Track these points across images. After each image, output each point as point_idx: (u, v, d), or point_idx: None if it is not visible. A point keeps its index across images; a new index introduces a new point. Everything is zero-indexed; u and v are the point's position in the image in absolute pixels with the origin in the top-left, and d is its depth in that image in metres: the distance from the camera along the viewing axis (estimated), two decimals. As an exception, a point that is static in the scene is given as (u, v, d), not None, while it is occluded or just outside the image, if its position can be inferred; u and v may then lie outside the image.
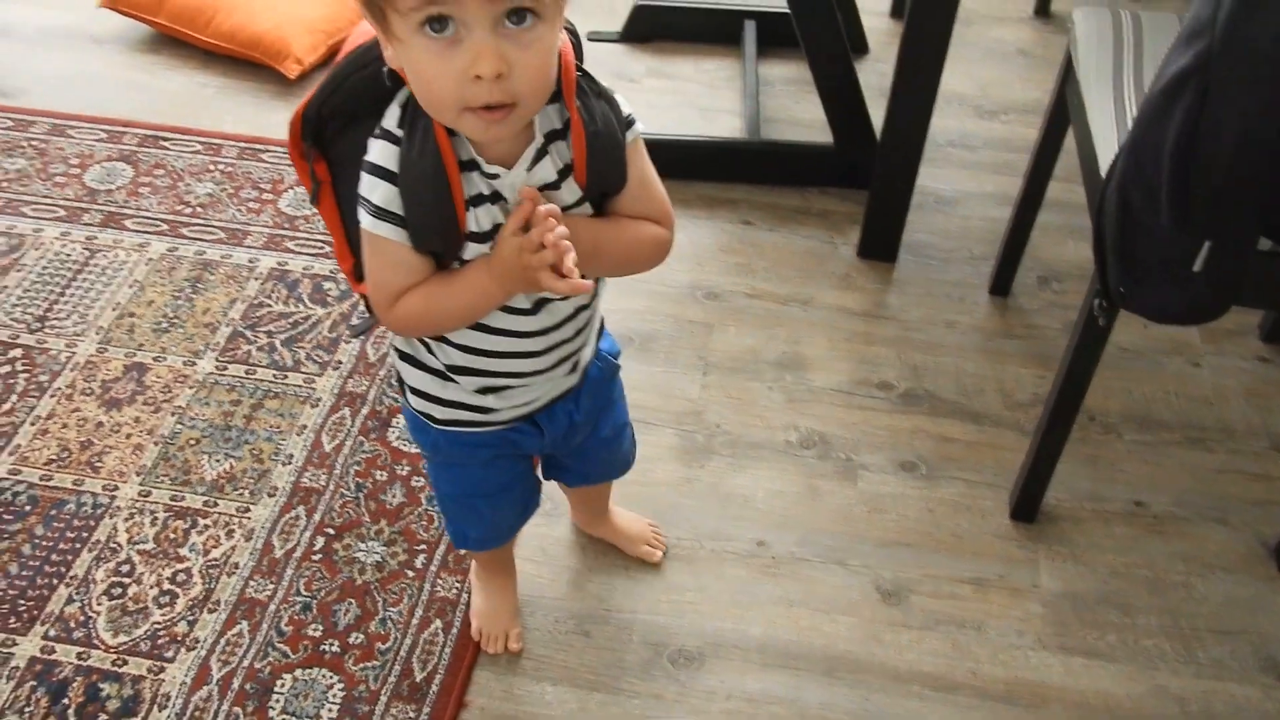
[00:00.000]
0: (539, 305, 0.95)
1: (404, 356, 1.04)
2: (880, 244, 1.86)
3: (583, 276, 0.83)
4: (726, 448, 1.57)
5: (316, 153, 0.92)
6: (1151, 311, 1.17)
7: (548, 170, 0.88)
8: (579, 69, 0.89)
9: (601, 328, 1.12)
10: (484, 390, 1.02)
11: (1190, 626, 1.39)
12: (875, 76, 2.21)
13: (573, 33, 0.92)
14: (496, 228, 0.88)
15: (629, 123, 0.92)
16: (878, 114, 1.73)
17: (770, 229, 1.93)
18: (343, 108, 0.90)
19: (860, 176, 1.94)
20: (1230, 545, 1.48)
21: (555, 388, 1.06)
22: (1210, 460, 1.58)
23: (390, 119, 0.86)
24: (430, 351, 1.01)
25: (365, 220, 0.87)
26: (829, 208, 1.97)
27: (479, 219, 0.87)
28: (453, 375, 1.01)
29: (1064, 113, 1.51)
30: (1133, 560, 1.46)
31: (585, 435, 1.17)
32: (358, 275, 0.97)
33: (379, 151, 0.86)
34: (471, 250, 0.89)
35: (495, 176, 0.87)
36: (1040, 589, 1.42)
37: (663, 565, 1.42)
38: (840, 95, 1.90)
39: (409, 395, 1.07)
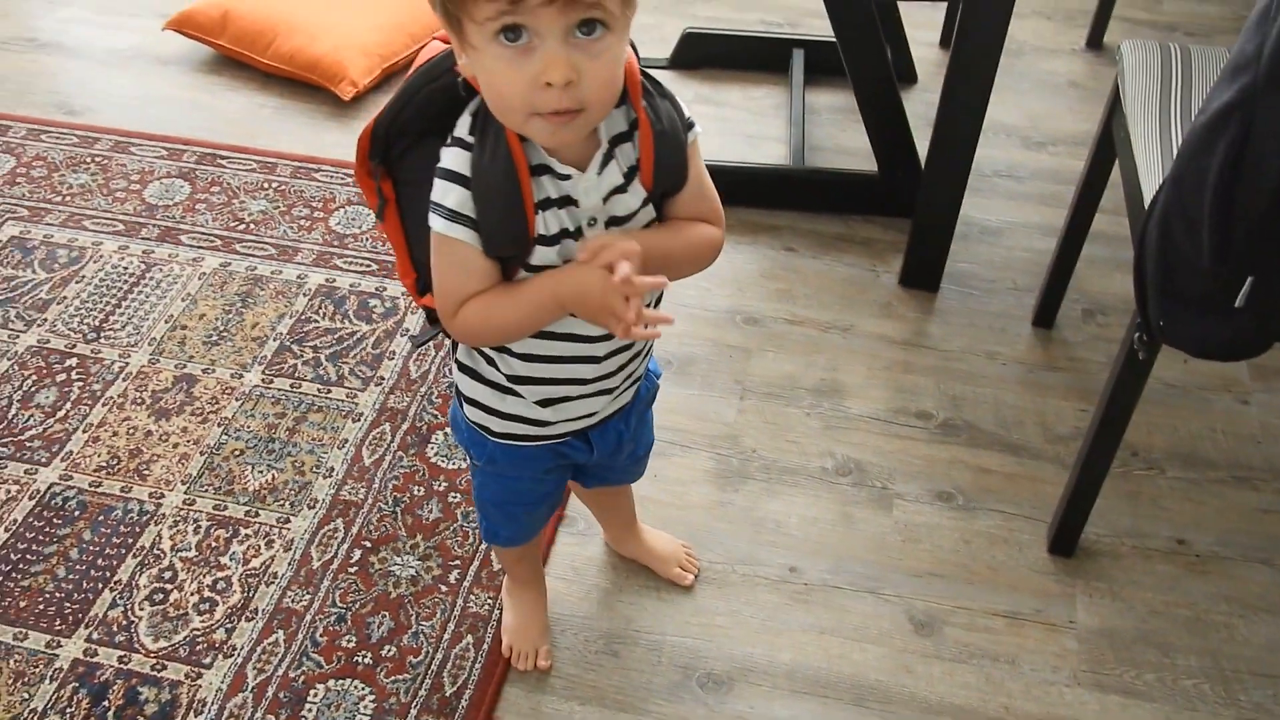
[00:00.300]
0: None
1: (464, 369, 1.06)
2: (923, 273, 1.85)
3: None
4: (761, 472, 1.57)
5: (383, 170, 0.95)
6: (1192, 346, 1.16)
7: (614, 174, 0.91)
8: (644, 73, 0.91)
9: (651, 345, 1.13)
10: (544, 402, 1.03)
11: (1231, 668, 1.36)
12: (923, 106, 2.21)
13: (632, 45, 0.94)
14: (563, 232, 0.90)
15: (689, 124, 0.95)
16: (925, 143, 1.73)
17: (812, 256, 1.93)
18: (412, 123, 0.93)
19: (904, 205, 1.94)
20: (1275, 587, 1.44)
21: (611, 403, 1.08)
22: (1256, 500, 1.55)
23: (462, 127, 0.89)
24: (491, 364, 1.03)
25: (438, 224, 0.89)
26: (872, 236, 1.97)
27: (547, 223, 0.90)
28: (514, 386, 1.03)
29: (1110, 145, 1.51)
30: (1173, 599, 1.44)
31: (627, 453, 1.18)
32: (419, 290, 1.00)
33: (451, 158, 0.88)
34: (539, 254, 0.90)
35: (567, 178, 0.89)
36: (1077, 625, 1.40)
37: (694, 588, 1.43)
38: (885, 124, 1.90)
39: (465, 407, 1.09)
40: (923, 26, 2.48)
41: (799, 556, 1.47)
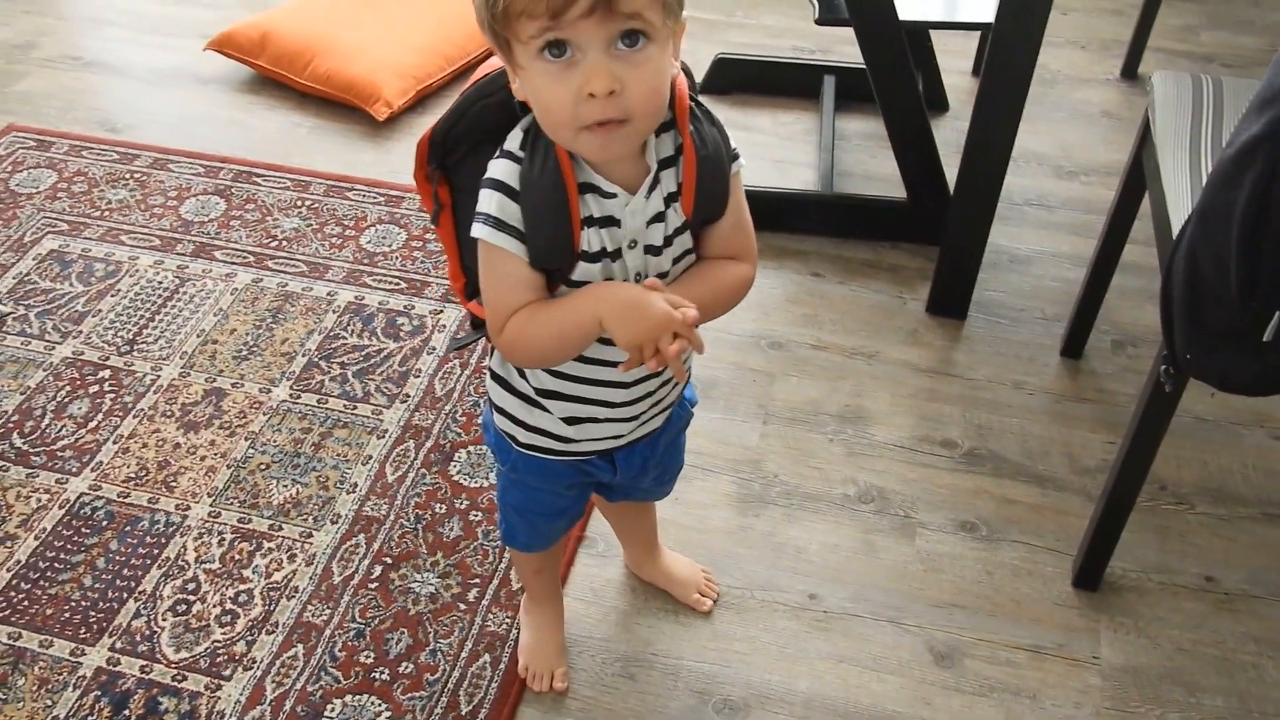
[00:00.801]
0: None
1: (496, 378, 1.08)
2: (950, 300, 1.85)
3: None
4: (783, 498, 1.56)
5: (441, 175, 0.97)
6: (1218, 380, 1.14)
7: (657, 200, 0.92)
8: (693, 99, 0.92)
9: (688, 376, 1.14)
10: (570, 420, 1.04)
11: (1260, 710, 1.34)
12: (953, 134, 2.21)
13: (686, 72, 0.96)
14: (603, 251, 0.91)
15: (735, 155, 0.95)
16: (955, 170, 1.73)
17: (839, 281, 1.93)
18: (467, 134, 0.95)
19: (932, 232, 1.93)
20: (1306, 627, 1.42)
21: (639, 428, 1.08)
22: (1287, 537, 1.53)
23: (513, 141, 0.91)
24: (522, 375, 1.04)
25: (484, 232, 0.89)
26: (899, 262, 1.97)
27: (590, 240, 0.90)
28: (541, 399, 1.03)
29: (1140, 176, 1.50)
30: (1200, 637, 1.41)
31: (652, 476, 1.19)
32: (467, 294, 1.02)
33: (501, 169, 0.90)
34: (581, 270, 0.91)
35: (613, 196, 0.90)
36: (1101, 661, 1.38)
37: (712, 613, 1.42)
38: (915, 151, 1.90)
39: (495, 414, 1.10)
40: (955, 55, 2.48)
41: (819, 583, 1.46)
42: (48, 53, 2.54)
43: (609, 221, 0.90)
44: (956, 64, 2.46)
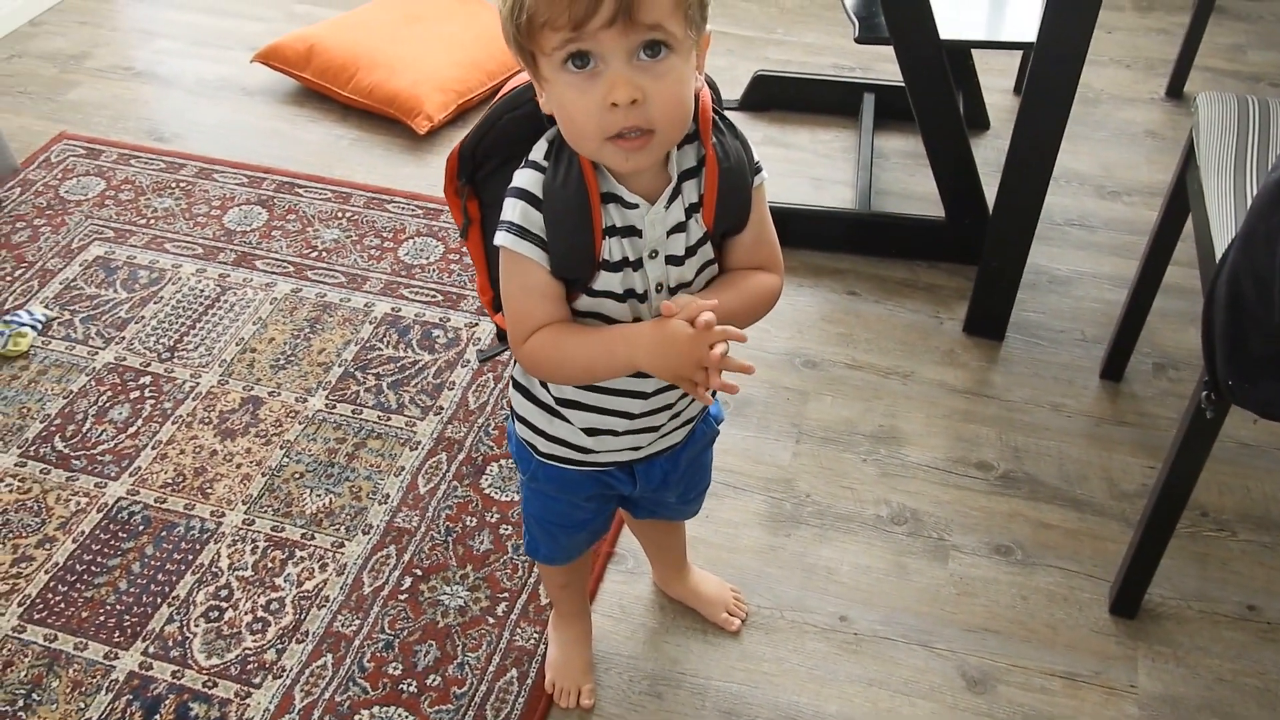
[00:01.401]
0: None
1: (518, 386, 1.08)
2: (988, 321, 1.83)
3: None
4: (815, 518, 1.55)
5: (470, 190, 0.98)
6: (1261, 407, 1.12)
7: (678, 211, 0.92)
8: (717, 111, 0.93)
9: (714, 392, 1.13)
10: (589, 430, 1.04)
11: (1301, 745, 1.31)
12: (994, 152, 2.19)
13: (712, 86, 0.96)
14: (624, 260, 0.92)
15: (757, 169, 0.96)
16: (995, 189, 1.71)
17: (875, 300, 1.91)
18: (496, 147, 0.96)
19: (970, 252, 1.91)
20: (1351, 661, 1.38)
21: (659, 439, 1.08)
22: (1333, 568, 1.49)
23: (537, 151, 0.92)
24: (543, 385, 1.04)
25: (507, 240, 0.90)
26: (937, 282, 1.95)
27: (611, 249, 0.91)
28: (562, 409, 1.04)
29: (1184, 197, 1.47)
30: (1241, 668, 1.38)
31: (676, 493, 1.18)
32: (495, 307, 1.03)
33: (525, 178, 0.91)
34: (602, 279, 0.92)
35: (635, 206, 0.90)
36: (1138, 690, 1.36)
37: (741, 633, 1.41)
38: (954, 169, 1.89)
39: (516, 423, 1.11)
40: (998, 73, 2.46)
41: (850, 605, 1.45)
42: (100, 63, 2.59)
43: (630, 231, 0.91)
44: (998, 82, 2.44)
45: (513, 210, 0.90)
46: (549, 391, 1.04)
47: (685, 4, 0.81)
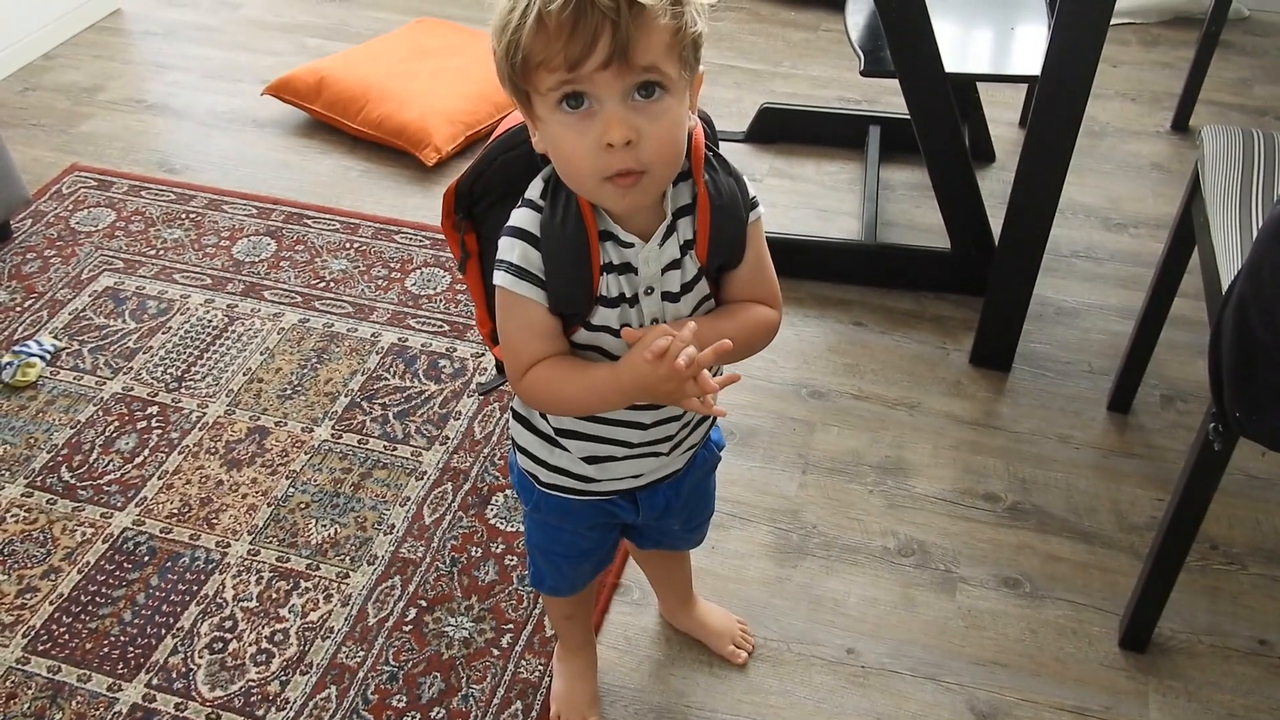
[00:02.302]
0: None
1: (518, 418, 1.09)
2: (994, 352, 1.83)
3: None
4: (821, 549, 1.54)
5: (468, 225, 0.99)
6: (1269, 439, 1.12)
7: (673, 248, 0.93)
8: (709, 149, 0.93)
9: (714, 419, 1.13)
10: (589, 459, 1.04)
11: (1315, 782, 1.29)
12: (999, 184, 2.20)
13: (707, 121, 0.97)
14: (621, 296, 0.92)
15: (753, 204, 0.96)
16: (1001, 221, 1.72)
17: (882, 331, 1.91)
18: (492, 185, 0.97)
19: (976, 283, 1.92)
20: (1365, 697, 1.37)
21: (660, 467, 1.08)
22: (1345, 602, 1.48)
23: (534, 190, 0.92)
24: (543, 415, 1.04)
25: (506, 280, 0.91)
26: (943, 313, 1.95)
27: (609, 285, 0.92)
28: (561, 439, 1.04)
29: (1190, 230, 1.48)
30: (1254, 703, 1.37)
31: (679, 520, 1.18)
32: (494, 339, 1.03)
33: (522, 218, 0.91)
34: (600, 315, 0.93)
35: (630, 245, 0.91)
36: (1148, 726, 1.34)
37: (747, 665, 1.40)
38: (959, 201, 1.89)
39: (518, 455, 1.11)
40: (1003, 106, 2.47)
41: (857, 638, 1.43)
42: (113, 95, 2.61)
43: (626, 268, 0.92)
44: (1004, 115, 2.46)
45: (510, 250, 0.91)
46: (548, 422, 1.04)
47: (679, 45, 0.82)
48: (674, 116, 0.84)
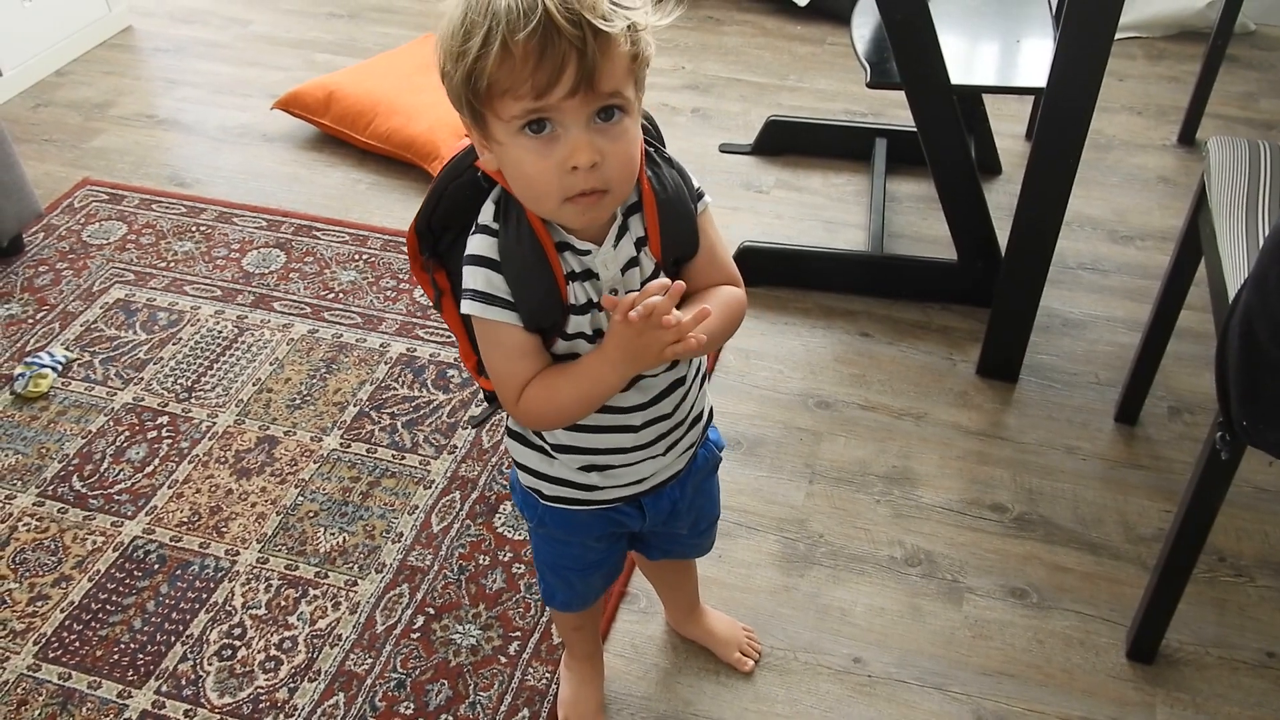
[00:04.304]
0: (632, 381, 0.99)
1: (513, 435, 1.09)
2: (1001, 363, 1.83)
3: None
4: (828, 558, 1.55)
5: (435, 263, 0.99)
6: (1275, 448, 1.12)
7: (628, 247, 0.94)
8: (651, 144, 0.95)
9: (710, 417, 1.14)
10: (587, 468, 1.05)
11: (1325, 794, 1.28)
12: (1006, 197, 2.21)
13: (650, 120, 0.98)
14: (590, 302, 0.93)
15: (699, 195, 0.98)
16: (1008, 233, 1.72)
17: (889, 342, 1.92)
18: (450, 216, 0.97)
19: (983, 294, 1.92)
20: (1374, 708, 1.36)
21: (661, 469, 1.08)
22: (1354, 613, 1.48)
23: (486, 214, 0.93)
24: (536, 431, 1.04)
25: (475, 309, 0.92)
26: (950, 324, 1.95)
27: (576, 293, 0.93)
28: (556, 453, 1.04)
29: (1196, 241, 1.48)
30: (1262, 715, 1.36)
31: (686, 522, 1.18)
32: (479, 370, 1.03)
33: (479, 244, 0.92)
34: (573, 323, 0.93)
35: (587, 253, 0.92)
36: (1156, 736, 1.34)
37: (754, 674, 1.40)
38: (965, 213, 1.90)
39: (519, 472, 1.12)
40: (1009, 119, 2.48)
41: (864, 647, 1.44)
42: (124, 111, 2.64)
43: (589, 274, 0.93)
44: (1010, 128, 2.47)
45: (474, 278, 0.91)
46: (543, 437, 1.05)
47: (636, 69, 0.84)
48: (631, 136, 0.86)
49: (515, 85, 0.80)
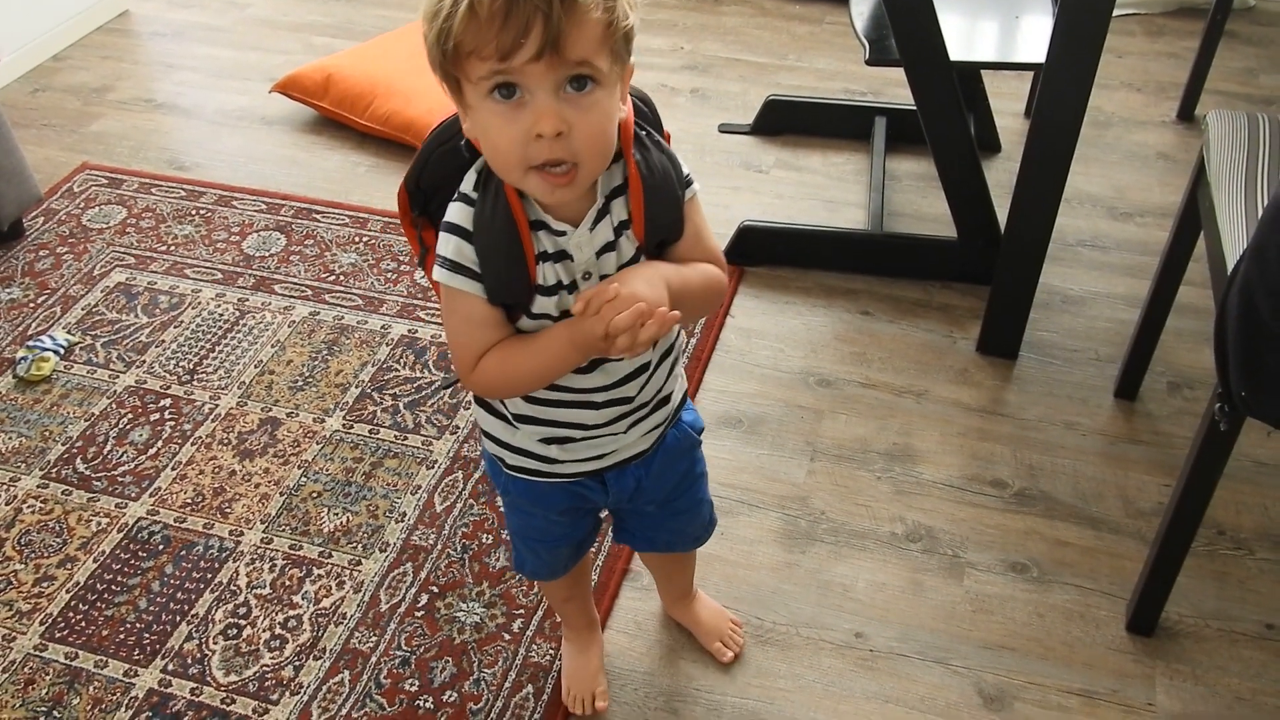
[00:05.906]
0: (595, 364, 0.99)
1: (479, 401, 1.09)
2: (1001, 340, 1.83)
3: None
4: (830, 535, 1.55)
5: (425, 221, 1.00)
6: (1275, 418, 1.12)
7: (606, 230, 0.93)
8: (640, 125, 0.94)
9: (684, 400, 1.14)
10: (548, 440, 1.05)
11: (1323, 763, 1.29)
12: (1005, 175, 2.20)
13: (646, 102, 0.98)
14: (559, 284, 0.93)
15: (687, 182, 0.97)
16: (1007, 210, 1.72)
17: (889, 320, 1.92)
18: (439, 180, 0.97)
19: (983, 272, 1.92)
20: (1372, 678, 1.37)
21: (623, 447, 1.08)
22: (1352, 585, 1.48)
23: (467, 183, 0.93)
24: (500, 400, 1.05)
25: (442, 276, 0.92)
26: (950, 302, 1.96)
27: (545, 274, 0.93)
28: (518, 423, 1.05)
29: (1195, 216, 1.48)
30: (1261, 686, 1.37)
31: (655, 502, 1.17)
32: None
33: (455, 212, 0.92)
34: (540, 303, 0.93)
35: (563, 234, 0.92)
36: (1155, 708, 1.35)
37: (757, 650, 1.41)
38: (965, 191, 1.90)
39: (485, 440, 1.12)
40: (1008, 97, 2.48)
41: (865, 622, 1.44)
42: (123, 95, 2.63)
43: (562, 256, 0.92)
44: (1009, 105, 2.46)
45: (446, 245, 0.92)
46: (505, 406, 1.05)
47: (611, 39, 0.82)
48: (604, 109, 0.85)
49: (480, 46, 0.79)
